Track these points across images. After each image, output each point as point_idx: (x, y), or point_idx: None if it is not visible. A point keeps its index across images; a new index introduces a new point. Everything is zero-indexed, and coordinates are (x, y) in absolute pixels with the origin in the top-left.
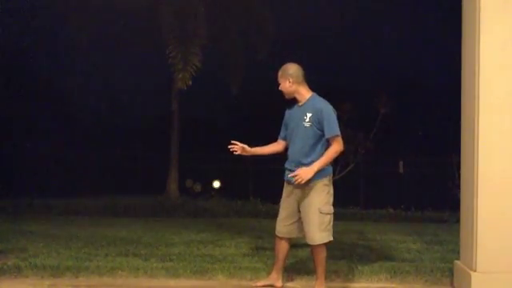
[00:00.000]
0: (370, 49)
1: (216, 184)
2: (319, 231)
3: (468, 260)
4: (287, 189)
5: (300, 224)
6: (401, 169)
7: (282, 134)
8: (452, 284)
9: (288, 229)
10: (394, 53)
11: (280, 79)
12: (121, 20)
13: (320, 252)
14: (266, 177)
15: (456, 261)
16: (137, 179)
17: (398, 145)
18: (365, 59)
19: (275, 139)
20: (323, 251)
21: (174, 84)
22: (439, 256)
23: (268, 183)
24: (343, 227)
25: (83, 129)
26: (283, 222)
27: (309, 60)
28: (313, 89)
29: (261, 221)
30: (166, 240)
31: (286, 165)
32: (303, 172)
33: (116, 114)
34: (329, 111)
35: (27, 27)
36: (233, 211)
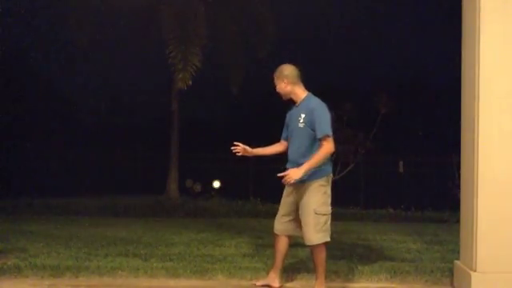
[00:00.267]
0: (370, 49)
1: (216, 184)
2: (315, 232)
3: (468, 260)
4: (287, 189)
5: (297, 222)
6: (401, 169)
7: (284, 135)
8: (452, 284)
9: (284, 226)
10: (394, 53)
11: (276, 81)
12: (121, 20)
13: (319, 252)
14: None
15: (456, 261)
16: (137, 179)
17: (398, 145)
18: (365, 59)
19: (275, 139)
20: (322, 251)
21: (174, 84)
22: (439, 256)
23: (268, 183)
24: (343, 227)
25: (83, 129)
26: (280, 220)
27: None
28: (313, 89)
29: (261, 221)
30: (166, 240)
31: (287, 165)
32: (292, 172)
33: (116, 114)
34: (320, 111)
35: (27, 27)
36: (233, 211)
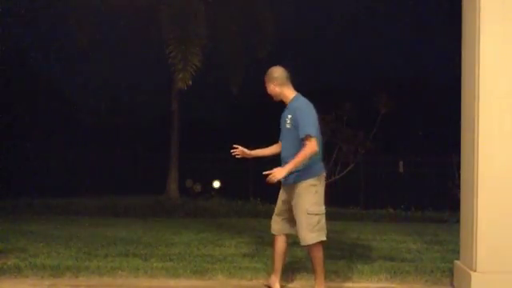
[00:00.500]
0: (370, 49)
1: (216, 184)
2: (308, 232)
3: (468, 260)
4: (282, 189)
5: (291, 222)
6: (401, 169)
7: (281, 136)
8: (452, 284)
9: (280, 225)
10: (394, 52)
11: (267, 83)
12: (121, 20)
13: (315, 252)
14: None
15: (456, 261)
16: (137, 179)
17: (398, 145)
18: (365, 59)
19: (275, 139)
20: (318, 251)
21: (174, 84)
22: (439, 256)
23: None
24: (343, 227)
25: (83, 129)
26: (275, 219)
27: (309, 60)
28: (313, 89)
29: (261, 221)
30: (166, 240)
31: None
32: (277, 171)
33: (116, 114)
34: (303, 111)
35: (27, 27)
36: (233, 211)
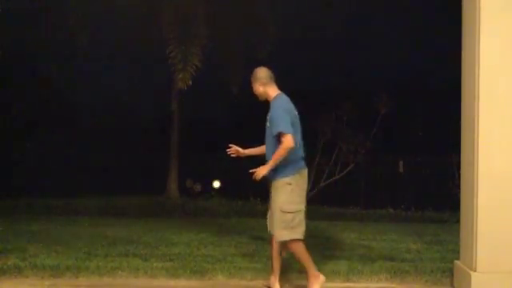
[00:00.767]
0: (370, 49)
1: (216, 184)
2: (280, 229)
3: (468, 260)
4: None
5: None
6: (401, 169)
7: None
8: (452, 284)
9: (269, 223)
10: (394, 53)
11: (252, 83)
12: (121, 20)
13: (292, 249)
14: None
15: (456, 261)
16: (137, 179)
17: (398, 145)
18: (365, 59)
19: None
20: (295, 248)
21: (174, 84)
22: (439, 256)
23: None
24: (343, 227)
25: (83, 129)
26: (267, 218)
27: (309, 60)
28: (313, 89)
29: (260, 221)
30: (166, 240)
31: None
32: (260, 169)
33: (116, 114)
34: (276, 109)
35: (27, 27)
36: (233, 211)
